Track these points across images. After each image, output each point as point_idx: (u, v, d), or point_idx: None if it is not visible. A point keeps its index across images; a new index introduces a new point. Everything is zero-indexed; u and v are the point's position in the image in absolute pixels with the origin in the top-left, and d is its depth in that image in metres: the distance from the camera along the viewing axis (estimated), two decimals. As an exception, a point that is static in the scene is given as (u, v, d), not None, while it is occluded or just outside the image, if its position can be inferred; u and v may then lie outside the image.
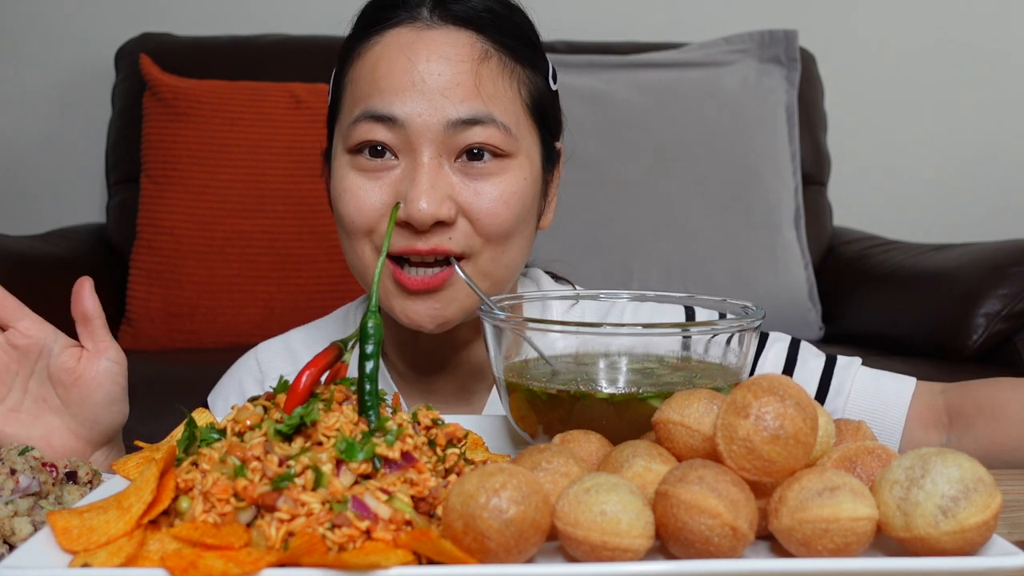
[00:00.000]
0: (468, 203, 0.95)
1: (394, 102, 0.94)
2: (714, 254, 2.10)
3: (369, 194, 0.96)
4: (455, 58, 0.95)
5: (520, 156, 0.98)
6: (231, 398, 1.13)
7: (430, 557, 0.59)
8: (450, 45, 0.96)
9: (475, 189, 0.95)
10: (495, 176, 0.96)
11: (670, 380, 0.80)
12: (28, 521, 0.68)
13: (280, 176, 2.08)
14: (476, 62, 0.95)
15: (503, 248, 0.97)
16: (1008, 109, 2.60)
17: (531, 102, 1.00)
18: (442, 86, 0.94)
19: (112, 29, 2.38)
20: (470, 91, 0.94)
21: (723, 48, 2.26)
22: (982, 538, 0.60)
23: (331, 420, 0.67)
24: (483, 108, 0.94)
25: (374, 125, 0.95)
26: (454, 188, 0.95)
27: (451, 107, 0.94)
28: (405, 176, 0.94)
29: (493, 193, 0.95)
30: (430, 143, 0.94)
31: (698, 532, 0.59)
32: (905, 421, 1.02)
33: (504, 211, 0.96)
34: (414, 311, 0.96)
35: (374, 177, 0.96)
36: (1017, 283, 1.81)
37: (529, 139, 1.00)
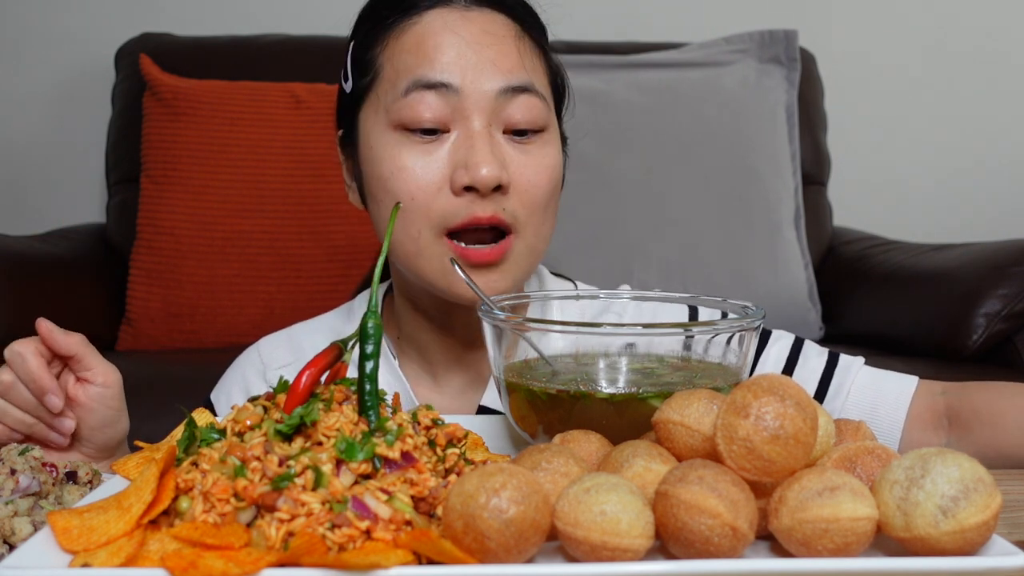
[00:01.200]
0: (518, 172, 0.97)
1: (447, 69, 0.96)
2: (714, 254, 2.10)
3: (427, 168, 0.96)
4: (498, 34, 0.99)
5: (551, 130, 1.02)
6: (234, 393, 1.13)
7: (430, 557, 0.59)
8: (490, 23, 0.99)
9: (523, 160, 0.98)
10: (537, 147, 0.99)
11: (670, 380, 0.80)
12: (28, 521, 0.68)
13: (280, 176, 2.08)
14: (516, 39, 1.00)
15: (542, 220, 1.00)
16: (1008, 109, 2.60)
17: (552, 81, 1.05)
18: (491, 57, 0.97)
19: (112, 29, 2.38)
20: (516, 62, 0.98)
21: (723, 48, 2.26)
22: (982, 538, 0.60)
23: (331, 420, 0.67)
24: (527, 77, 0.98)
25: (426, 93, 0.96)
26: (506, 155, 0.97)
27: (500, 76, 0.97)
28: (461, 144, 0.96)
29: (539, 164, 0.98)
30: (482, 111, 0.96)
31: (698, 532, 0.59)
32: (905, 422, 1.02)
33: (546, 181, 0.99)
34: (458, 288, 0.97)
35: (427, 152, 0.97)
36: (1017, 283, 1.81)
37: (554, 115, 1.04)
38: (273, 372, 1.12)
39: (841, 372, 1.05)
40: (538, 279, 1.16)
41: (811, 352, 1.08)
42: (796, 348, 1.08)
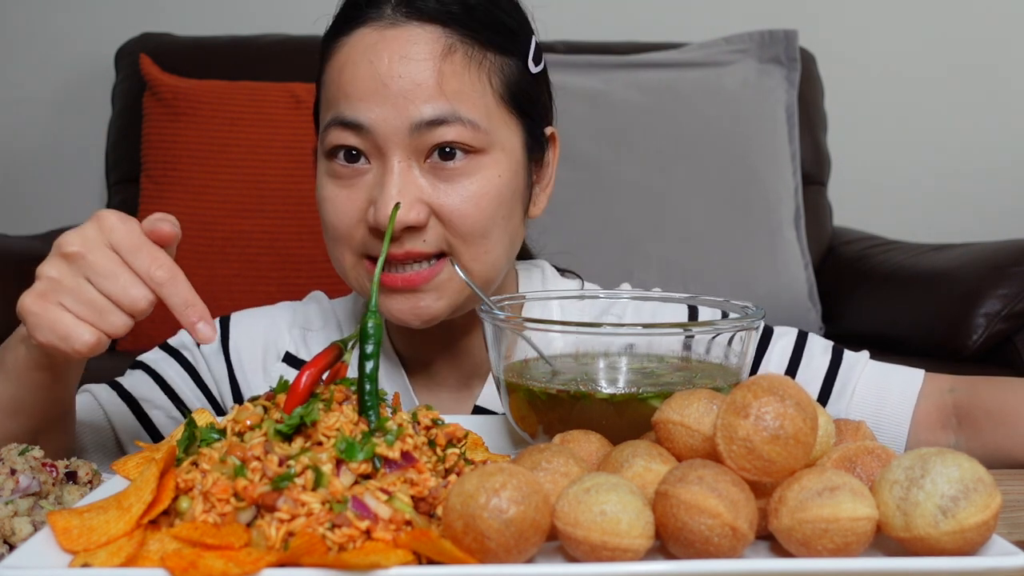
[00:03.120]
0: (439, 204, 0.94)
1: (359, 108, 0.94)
2: (714, 254, 2.10)
3: (345, 202, 0.97)
4: (417, 56, 0.94)
5: (494, 151, 0.96)
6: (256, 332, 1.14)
7: (430, 557, 0.59)
8: (412, 43, 0.94)
9: (446, 190, 0.94)
10: (466, 175, 0.95)
11: (670, 380, 0.80)
12: (28, 521, 0.68)
13: (280, 176, 2.08)
14: (439, 59, 0.94)
15: (484, 246, 0.97)
16: (1008, 109, 2.60)
17: (505, 91, 0.98)
18: (404, 88, 0.93)
19: (112, 29, 2.38)
20: (433, 91, 0.93)
21: (723, 48, 2.26)
22: (982, 538, 0.60)
23: (331, 420, 0.67)
24: (448, 107, 0.93)
25: (343, 131, 0.95)
26: (424, 191, 0.94)
27: (415, 109, 0.93)
28: (376, 181, 0.95)
29: (464, 193, 0.95)
30: (397, 146, 0.93)
31: (698, 532, 0.59)
32: (911, 422, 1.00)
33: (475, 211, 0.95)
34: (398, 309, 0.97)
35: (348, 184, 0.96)
36: (1017, 283, 1.81)
37: (505, 130, 0.98)
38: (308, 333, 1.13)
39: (845, 371, 1.04)
40: (541, 278, 1.15)
41: (816, 349, 1.06)
42: (799, 346, 1.06)
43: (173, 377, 1.10)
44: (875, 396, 1.02)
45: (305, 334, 1.13)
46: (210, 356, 1.12)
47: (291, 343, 1.13)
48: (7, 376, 0.88)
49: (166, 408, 1.09)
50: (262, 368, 1.12)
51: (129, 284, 0.77)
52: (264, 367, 1.12)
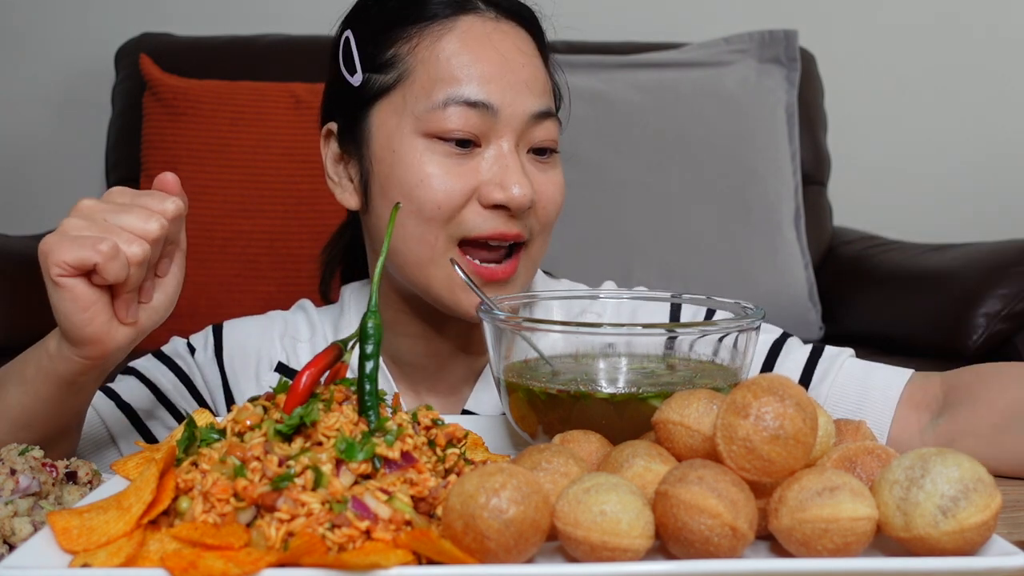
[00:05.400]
0: (540, 190, 1.00)
1: (487, 89, 0.97)
2: (714, 254, 2.10)
3: (456, 179, 0.97)
4: (529, 52, 1.01)
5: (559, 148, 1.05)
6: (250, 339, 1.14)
7: (430, 557, 0.59)
8: (522, 39, 1.01)
9: (543, 178, 1.01)
10: (554, 168, 1.03)
11: (670, 380, 0.80)
12: (28, 521, 0.68)
13: (280, 176, 2.08)
14: (538, 58, 1.02)
15: (547, 237, 1.04)
16: (1008, 109, 2.60)
17: (556, 98, 1.07)
18: (526, 78, 0.99)
19: (112, 29, 2.38)
20: (545, 85, 1.01)
21: (723, 48, 2.26)
22: (982, 538, 0.60)
23: (331, 420, 0.67)
24: (550, 102, 1.02)
25: (466, 110, 0.96)
26: (531, 175, 0.99)
27: (533, 99, 0.99)
28: (494, 161, 0.98)
29: (555, 183, 1.02)
30: (514, 131, 0.98)
31: (698, 532, 0.59)
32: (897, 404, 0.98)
33: (561, 199, 1.03)
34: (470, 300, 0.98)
35: (458, 163, 0.97)
36: (1017, 283, 1.81)
37: None
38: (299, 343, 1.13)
39: (827, 360, 1.03)
40: None
41: (795, 344, 1.06)
42: (781, 340, 1.06)
43: (166, 385, 1.10)
44: (859, 380, 1.01)
45: (295, 344, 1.13)
46: (204, 364, 1.12)
47: (282, 353, 1.13)
48: (25, 389, 0.88)
49: (162, 418, 1.09)
50: (255, 377, 1.12)
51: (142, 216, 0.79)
52: (257, 376, 1.12)
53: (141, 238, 0.79)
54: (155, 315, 0.85)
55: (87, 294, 0.79)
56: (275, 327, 1.15)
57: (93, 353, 0.82)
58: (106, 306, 0.81)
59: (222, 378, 1.12)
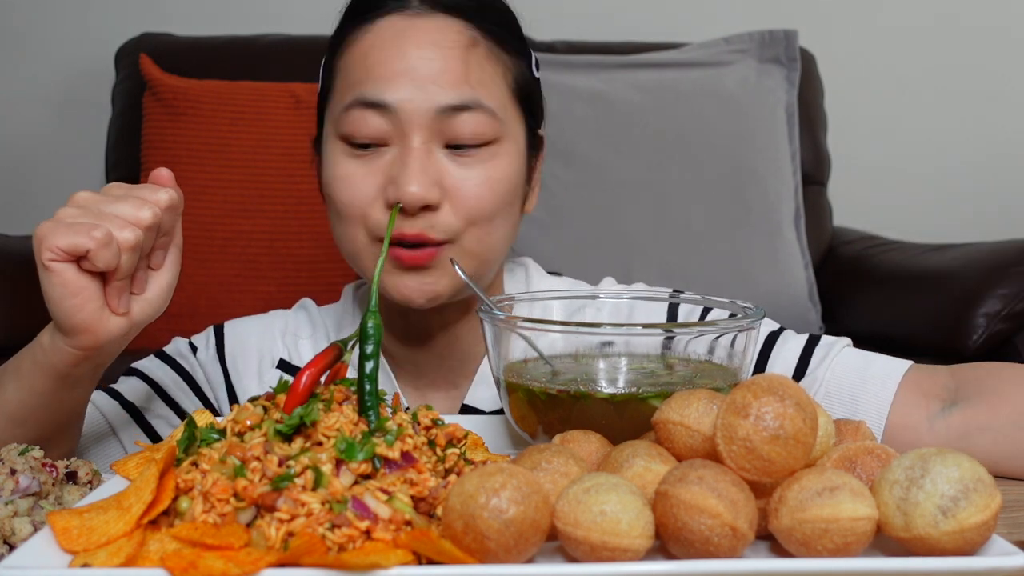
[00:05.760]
0: (456, 187, 0.97)
1: (386, 89, 0.96)
2: (714, 254, 2.10)
3: (362, 180, 0.98)
4: (444, 44, 0.97)
5: (507, 141, 1.01)
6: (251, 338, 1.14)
7: (430, 557, 0.59)
8: (439, 32, 0.98)
9: (464, 174, 0.98)
10: (482, 161, 0.99)
11: (670, 380, 0.80)
12: (28, 521, 0.68)
13: (280, 176, 2.08)
14: (465, 49, 0.98)
15: (488, 229, 1.00)
16: (1008, 109, 2.60)
17: (516, 88, 1.03)
18: (432, 73, 0.96)
19: (112, 29, 2.38)
20: (459, 77, 0.97)
21: (723, 48, 2.26)
22: (982, 538, 0.60)
23: (331, 420, 0.67)
24: (472, 94, 0.97)
25: (366, 111, 0.97)
26: (442, 173, 0.97)
27: (441, 93, 0.96)
28: (396, 160, 0.97)
29: (480, 177, 0.98)
30: (420, 128, 0.96)
31: (698, 532, 0.59)
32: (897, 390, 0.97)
33: (489, 195, 0.99)
34: (405, 286, 0.99)
35: (366, 163, 0.98)
36: (1017, 283, 1.81)
37: (515, 124, 1.02)
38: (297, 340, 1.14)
39: (824, 348, 1.02)
40: (525, 277, 1.16)
41: (790, 335, 1.06)
42: (777, 332, 1.06)
43: (168, 383, 1.10)
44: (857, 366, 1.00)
45: (297, 341, 1.14)
46: (206, 363, 1.13)
47: (284, 350, 1.14)
48: (20, 384, 0.88)
49: (167, 417, 1.09)
50: (257, 375, 1.12)
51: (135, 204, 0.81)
52: (259, 374, 1.12)
53: (133, 224, 0.80)
54: (149, 308, 0.86)
55: (77, 279, 0.80)
56: (276, 325, 1.16)
57: (86, 343, 0.82)
58: (96, 293, 0.81)
59: (224, 376, 1.12)
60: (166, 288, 0.88)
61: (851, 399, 0.98)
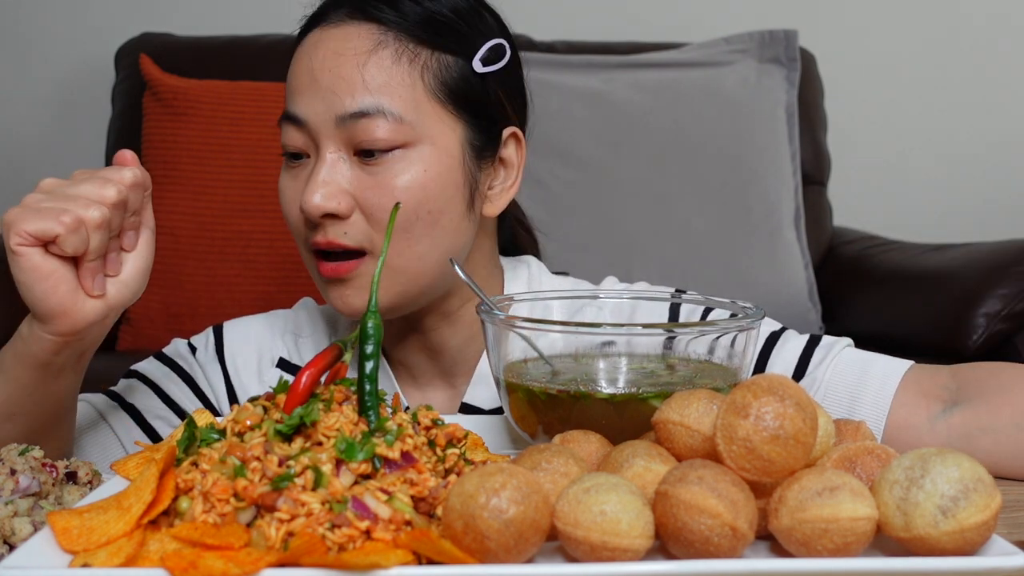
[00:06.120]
0: (363, 198, 0.97)
1: (297, 102, 0.99)
2: (714, 254, 2.10)
3: (290, 193, 1.01)
4: (346, 52, 0.98)
5: (421, 144, 0.97)
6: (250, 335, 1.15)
7: (430, 557, 0.59)
8: (344, 40, 0.98)
9: (370, 183, 0.97)
10: (390, 169, 0.97)
11: (670, 380, 0.80)
12: (28, 521, 0.68)
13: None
14: (367, 54, 0.97)
15: (407, 240, 0.98)
16: (1008, 109, 2.60)
17: (440, 87, 0.99)
18: (330, 82, 0.97)
19: (112, 29, 2.38)
20: (356, 85, 0.96)
21: (723, 48, 2.26)
22: (982, 538, 0.60)
23: (331, 420, 0.67)
24: (371, 100, 0.96)
25: (287, 126, 1.00)
26: (350, 182, 0.97)
27: (339, 102, 0.96)
28: (308, 172, 0.99)
29: (386, 186, 0.96)
30: (328, 139, 0.97)
31: (698, 532, 0.59)
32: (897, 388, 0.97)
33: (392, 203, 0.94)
34: (332, 298, 1.01)
35: (294, 176, 1.01)
36: (1017, 283, 1.81)
37: (438, 125, 0.99)
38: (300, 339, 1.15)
39: (824, 347, 1.02)
40: (527, 276, 1.14)
41: (791, 335, 1.06)
42: (778, 332, 1.05)
43: (169, 385, 1.10)
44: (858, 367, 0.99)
45: (297, 340, 1.14)
46: (205, 363, 1.13)
47: (284, 349, 1.14)
48: (4, 377, 0.88)
49: (167, 418, 1.09)
50: (257, 374, 1.12)
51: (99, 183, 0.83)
52: (259, 373, 1.12)
53: (98, 203, 0.81)
54: (125, 290, 0.86)
55: (45, 263, 0.80)
56: (277, 324, 1.16)
57: (63, 328, 0.83)
58: (68, 276, 0.82)
59: (224, 376, 1.12)
60: (142, 270, 0.88)
61: (851, 399, 0.98)
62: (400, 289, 0.99)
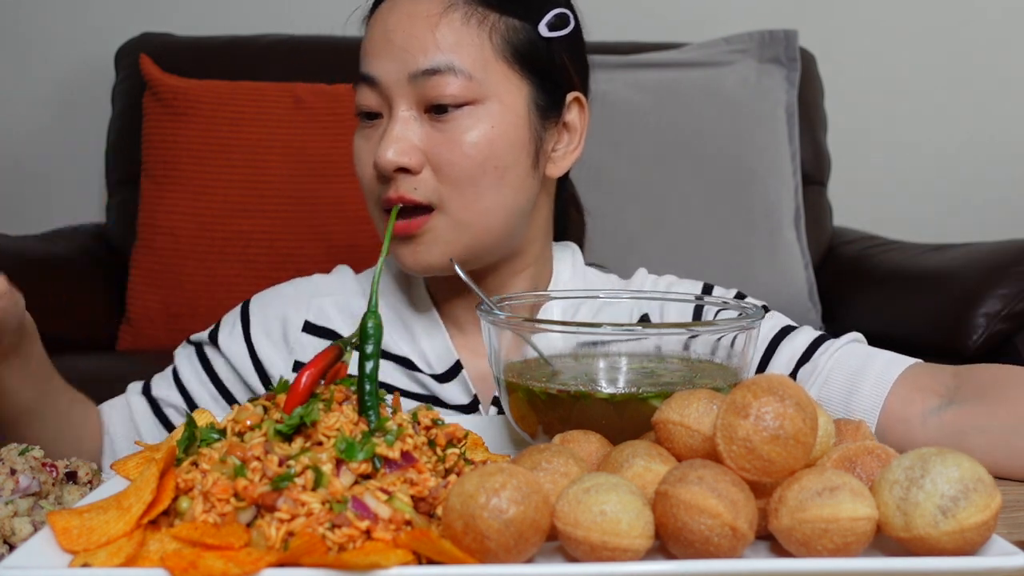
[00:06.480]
0: (434, 151, 1.01)
1: (371, 63, 1.03)
2: (714, 254, 2.10)
3: (365, 154, 1.05)
4: (418, 14, 1.02)
5: (489, 101, 1.02)
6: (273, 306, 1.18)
7: (430, 557, 0.59)
8: (415, 3, 1.03)
9: (440, 138, 1.01)
10: (460, 124, 1.01)
11: (670, 380, 0.80)
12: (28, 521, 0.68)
13: (280, 176, 2.08)
14: (438, 15, 1.01)
15: (475, 194, 1.01)
16: (1008, 109, 2.60)
17: (507, 48, 1.03)
18: (403, 41, 1.01)
19: (112, 29, 2.38)
20: (428, 43, 1.01)
21: (723, 48, 2.26)
22: (982, 538, 0.60)
23: (331, 420, 0.67)
24: (442, 58, 1.00)
25: (362, 87, 1.04)
26: (423, 138, 1.01)
27: (411, 59, 1.00)
28: (383, 130, 1.03)
29: (455, 141, 1.01)
30: (401, 97, 1.01)
31: (698, 532, 0.59)
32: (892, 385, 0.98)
33: (463, 159, 1.01)
34: (401, 256, 1.04)
35: (368, 137, 1.05)
36: (1017, 283, 1.81)
37: (505, 84, 1.03)
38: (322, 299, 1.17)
39: (832, 341, 1.04)
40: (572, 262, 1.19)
41: (805, 329, 1.07)
42: (790, 327, 1.07)
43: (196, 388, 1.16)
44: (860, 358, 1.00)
45: (322, 301, 1.17)
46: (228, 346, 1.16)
47: (309, 312, 1.16)
48: None
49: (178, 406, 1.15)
50: (283, 341, 1.15)
51: None
52: (285, 340, 1.15)
53: None
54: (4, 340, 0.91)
55: None
56: (302, 289, 1.19)
57: None
58: None
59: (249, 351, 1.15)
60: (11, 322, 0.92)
61: (849, 388, 0.98)
62: (467, 242, 1.03)
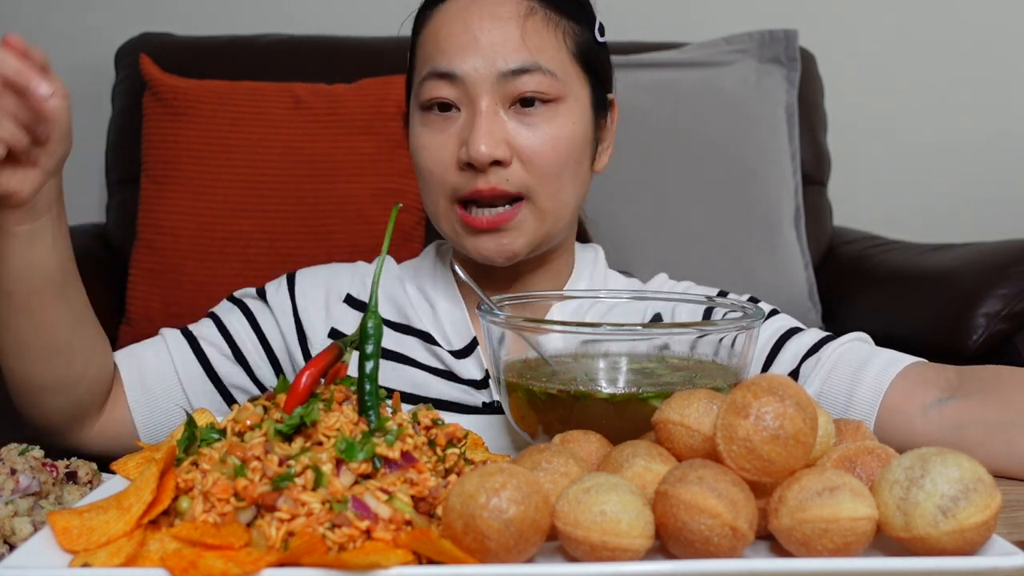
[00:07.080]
0: (522, 145, 1.05)
1: (454, 60, 1.06)
2: (714, 254, 2.10)
3: (439, 147, 1.07)
4: (503, 16, 1.07)
5: (568, 100, 1.09)
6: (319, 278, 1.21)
7: (430, 557, 0.59)
8: (498, 5, 1.07)
9: (528, 133, 1.06)
10: (545, 120, 1.06)
11: (670, 380, 0.81)
12: (28, 521, 0.68)
13: (280, 176, 2.08)
14: (522, 18, 1.07)
15: (557, 186, 1.08)
16: (1008, 109, 2.60)
17: (577, 51, 1.12)
18: (493, 42, 1.05)
19: (112, 29, 2.38)
20: (517, 44, 1.06)
21: (723, 48, 2.26)
22: (982, 538, 0.60)
23: (331, 420, 0.68)
24: (530, 58, 1.06)
25: (438, 82, 1.07)
26: (509, 132, 1.05)
27: (501, 60, 1.05)
28: (466, 124, 1.06)
29: (544, 135, 1.06)
30: (486, 93, 1.05)
31: (698, 532, 0.59)
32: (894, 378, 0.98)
33: (552, 152, 1.07)
34: (484, 247, 1.07)
35: (441, 130, 1.07)
36: (1017, 283, 1.81)
37: (577, 84, 1.10)
38: None
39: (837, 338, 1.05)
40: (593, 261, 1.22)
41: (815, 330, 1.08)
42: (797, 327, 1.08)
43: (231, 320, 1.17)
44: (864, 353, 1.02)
45: (365, 279, 1.21)
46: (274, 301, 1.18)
47: (352, 287, 1.20)
48: None
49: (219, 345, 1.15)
50: (324, 308, 1.18)
51: None
52: (327, 308, 1.18)
53: None
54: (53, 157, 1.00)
55: None
56: (344, 268, 1.23)
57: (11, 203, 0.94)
58: None
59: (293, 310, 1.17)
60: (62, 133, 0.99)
61: (851, 380, 1.00)
62: (547, 230, 1.09)
